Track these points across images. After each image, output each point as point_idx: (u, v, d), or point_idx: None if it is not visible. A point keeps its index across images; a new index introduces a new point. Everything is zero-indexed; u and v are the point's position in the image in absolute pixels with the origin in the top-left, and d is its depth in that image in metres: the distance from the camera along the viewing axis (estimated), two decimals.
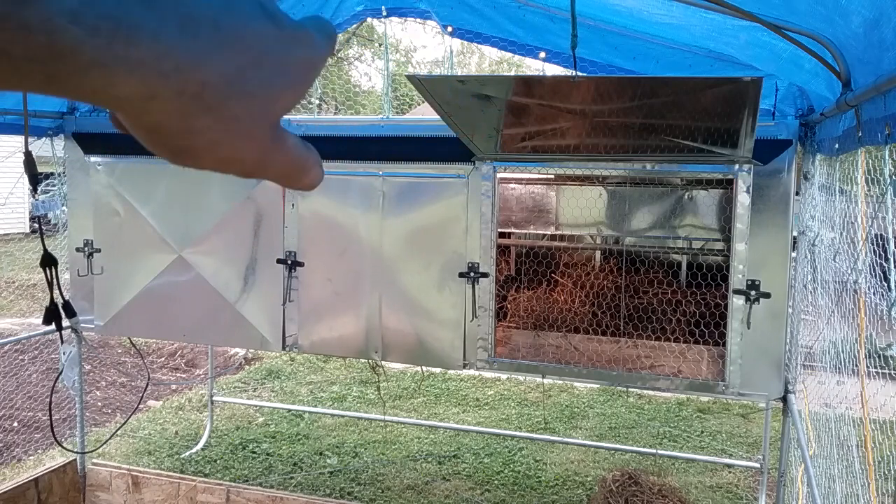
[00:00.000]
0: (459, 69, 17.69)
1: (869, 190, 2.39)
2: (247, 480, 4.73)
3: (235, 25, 0.37)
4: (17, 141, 3.40)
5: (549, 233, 4.09)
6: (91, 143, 3.87)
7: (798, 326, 3.08)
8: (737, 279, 2.96)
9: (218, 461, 5.17)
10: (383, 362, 3.80)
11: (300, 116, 3.66)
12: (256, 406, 6.20)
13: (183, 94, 0.34)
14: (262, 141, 0.40)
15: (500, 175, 3.31)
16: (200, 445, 5.41)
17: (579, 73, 2.72)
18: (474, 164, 3.26)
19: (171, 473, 4.31)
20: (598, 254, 4.09)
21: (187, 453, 5.30)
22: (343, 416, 5.96)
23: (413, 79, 2.24)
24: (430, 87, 2.32)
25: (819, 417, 2.96)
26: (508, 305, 3.75)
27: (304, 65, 0.41)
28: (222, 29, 0.36)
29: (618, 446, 5.25)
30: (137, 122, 0.36)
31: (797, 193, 3.00)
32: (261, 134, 0.39)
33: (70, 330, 4.01)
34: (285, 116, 0.44)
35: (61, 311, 2.74)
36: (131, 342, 5.21)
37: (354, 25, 4.28)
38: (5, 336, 7.28)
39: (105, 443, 4.94)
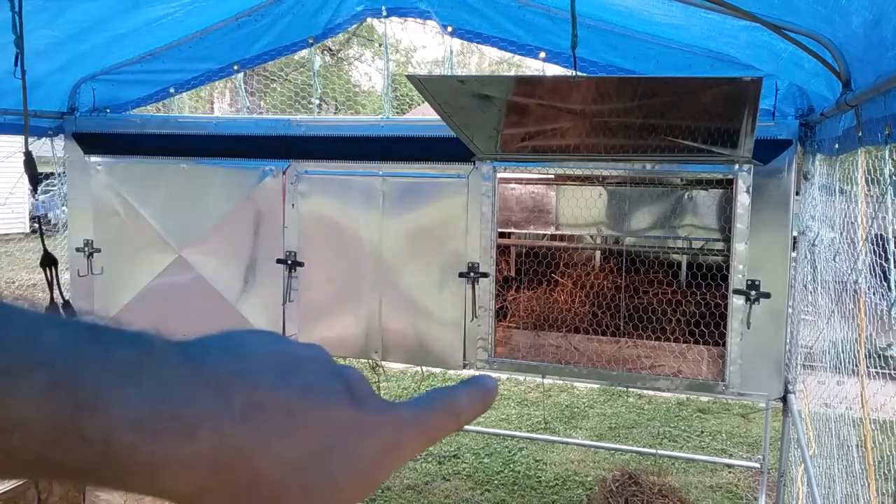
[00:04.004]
0: (459, 69, 17.69)
1: (869, 190, 2.39)
2: None
3: (310, 408, 0.33)
4: (17, 141, 3.40)
5: (549, 233, 4.09)
6: (91, 143, 3.87)
7: (798, 326, 3.08)
8: (737, 279, 2.96)
9: None
10: (383, 362, 3.80)
11: (300, 116, 3.67)
12: None
13: (234, 486, 0.31)
14: None
15: (500, 175, 3.31)
16: None
17: (579, 73, 2.72)
18: (474, 164, 3.26)
19: None
20: (598, 254, 4.09)
21: None
22: None
23: (413, 79, 2.24)
24: (430, 87, 2.32)
25: (819, 417, 2.96)
26: (508, 305, 3.75)
27: (383, 453, 0.36)
28: (293, 414, 0.33)
29: (618, 446, 5.25)
30: None
31: (797, 193, 3.00)
32: None
33: None
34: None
35: (61, 311, 2.74)
36: None
37: (354, 25, 4.28)
38: None
39: None
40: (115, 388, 0.29)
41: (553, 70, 3.17)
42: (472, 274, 3.29)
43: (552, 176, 3.91)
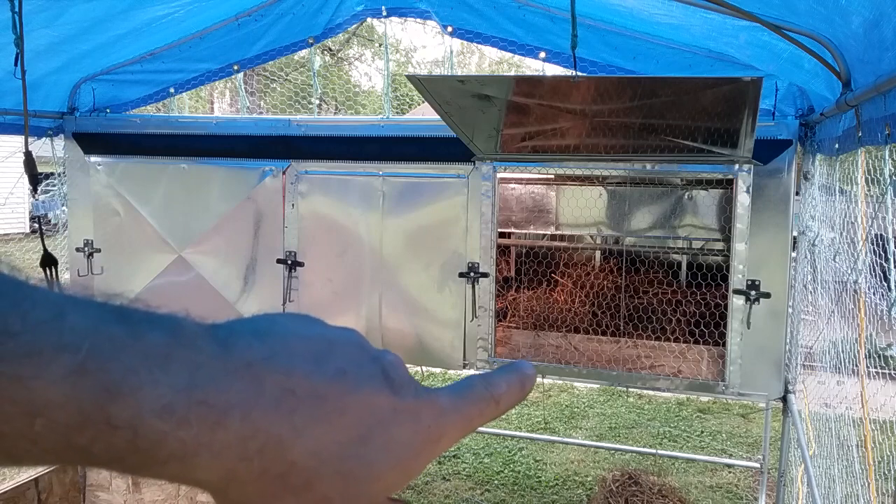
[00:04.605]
0: (459, 69, 17.69)
1: (869, 190, 2.39)
2: None
3: (344, 395, 0.32)
4: (17, 141, 3.40)
5: (549, 233, 4.09)
6: (91, 143, 3.88)
7: (798, 326, 3.08)
8: (737, 279, 2.96)
9: None
10: None
11: (300, 116, 3.67)
12: None
13: (266, 474, 0.30)
14: None
15: (500, 175, 3.31)
16: None
17: (579, 73, 2.72)
18: (474, 164, 3.26)
19: None
20: (598, 254, 4.09)
21: None
22: None
23: (413, 79, 2.24)
24: (430, 87, 2.32)
25: (819, 417, 2.96)
26: (508, 305, 3.75)
27: (422, 440, 0.35)
28: (327, 400, 0.32)
29: (618, 446, 5.25)
30: (216, 497, 0.32)
31: (797, 193, 3.00)
32: None
33: None
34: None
35: None
36: None
37: (354, 25, 4.28)
38: None
39: None
40: (144, 372, 0.28)
41: (553, 70, 3.17)
42: (472, 274, 3.29)
43: (552, 176, 3.91)
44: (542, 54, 3.13)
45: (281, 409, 0.31)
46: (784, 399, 3.06)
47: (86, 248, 3.92)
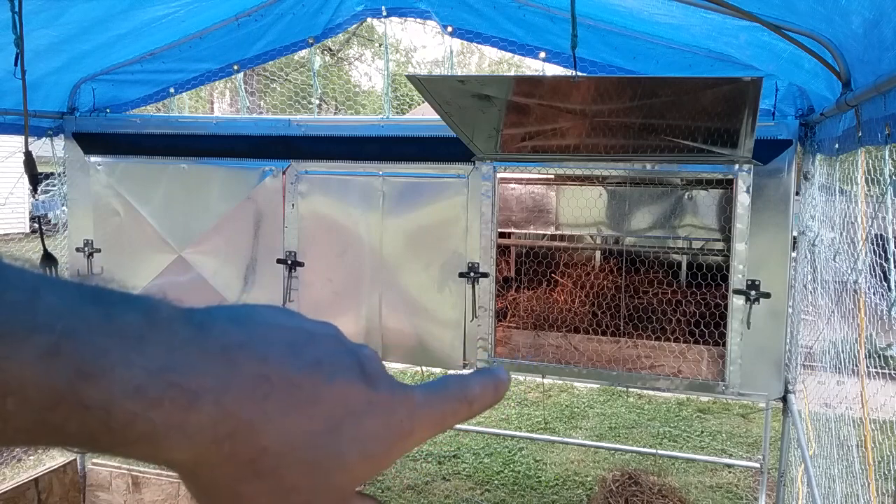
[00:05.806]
0: (459, 69, 17.69)
1: (869, 190, 2.39)
2: None
3: (319, 384, 0.33)
4: (17, 141, 3.40)
5: (549, 233, 4.09)
6: (91, 143, 3.88)
7: (798, 326, 3.08)
8: (737, 279, 2.96)
9: None
10: (383, 362, 3.80)
11: (300, 116, 3.67)
12: None
13: (235, 458, 0.31)
14: None
15: (500, 175, 3.31)
16: None
17: (579, 73, 2.72)
18: (474, 164, 3.26)
19: (171, 474, 4.29)
20: (598, 254, 4.09)
21: None
22: None
23: (413, 79, 2.24)
24: (430, 87, 2.32)
25: (819, 417, 2.96)
26: (508, 305, 3.75)
27: (394, 434, 0.35)
28: (301, 389, 0.32)
29: (618, 446, 5.25)
30: (184, 478, 0.32)
31: (797, 193, 3.00)
32: None
33: None
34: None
35: None
36: None
37: (354, 25, 4.28)
38: None
39: None
40: (117, 354, 0.28)
41: (553, 70, 3.17)
42: (472, 274, 3.29)
43: (552, 176, 3.91)
44: (542, 54, 3.13)
45: (254, 395, 0.31)
46: (784, 399, 3.06)
47: (86, 248, 3.92)
